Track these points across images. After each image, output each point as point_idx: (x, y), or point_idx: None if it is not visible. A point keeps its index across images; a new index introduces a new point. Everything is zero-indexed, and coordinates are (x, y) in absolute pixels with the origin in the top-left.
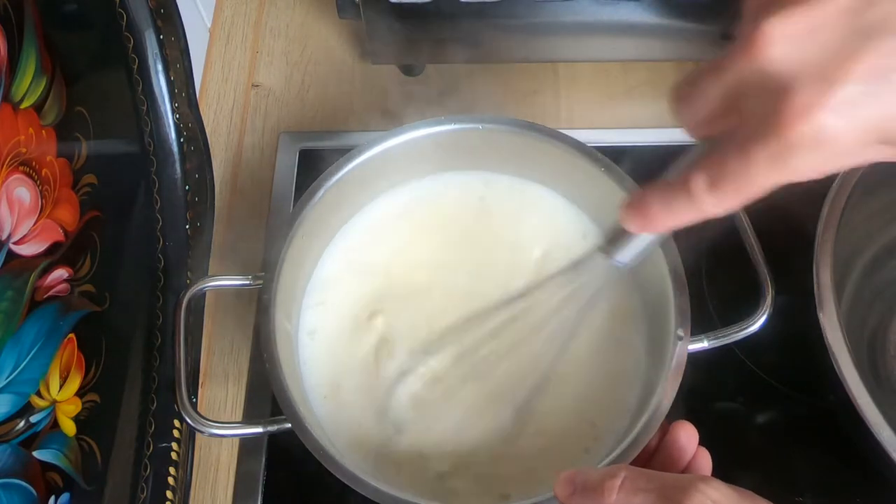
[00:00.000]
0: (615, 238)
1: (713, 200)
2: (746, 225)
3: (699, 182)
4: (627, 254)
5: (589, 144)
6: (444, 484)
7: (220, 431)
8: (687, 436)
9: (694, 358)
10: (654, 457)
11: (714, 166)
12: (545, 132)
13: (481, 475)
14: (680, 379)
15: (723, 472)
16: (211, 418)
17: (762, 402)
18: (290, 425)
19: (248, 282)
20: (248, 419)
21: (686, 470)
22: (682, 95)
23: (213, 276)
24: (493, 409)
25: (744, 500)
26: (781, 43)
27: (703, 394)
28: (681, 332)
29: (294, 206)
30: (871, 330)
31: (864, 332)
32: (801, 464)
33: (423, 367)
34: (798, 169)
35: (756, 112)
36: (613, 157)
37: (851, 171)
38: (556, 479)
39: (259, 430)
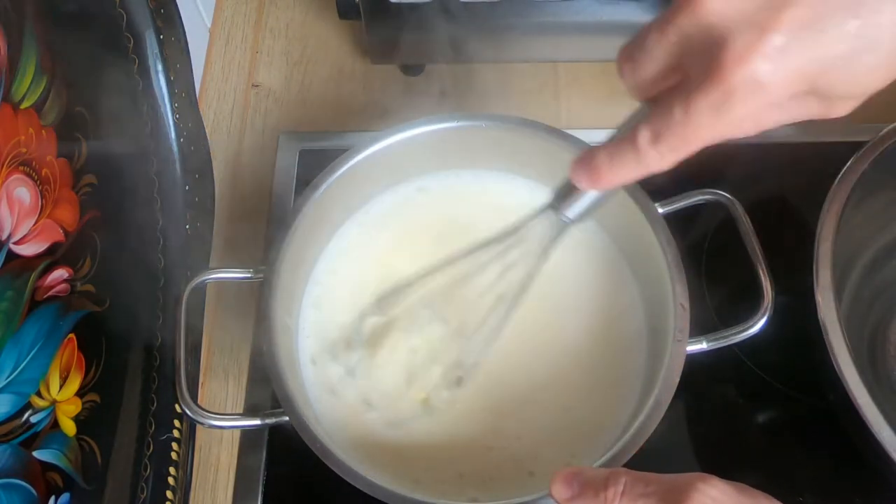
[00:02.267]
0: (564, 194)
1: (657, 154)
2: (746, 225)
3: (644, 136)
4: (574, 210)
5: (590, 144)
6: (443, 479)
7: (219, 423)
8: None
9: (694, 357)
10: None
11: (658, 120)
12: (548, 131)
13: (477, 472)
14: (678, 379)
15: (723, 471)
16: (210, 409)
17: (762, 402)
18: (287, 418)
19: (249, 275)
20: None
21: None
22: (628, 56)
23: (214, 269)
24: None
25: (743, 495)
26: None
27: (703, 393)
28: (679, 334)
29: (294, 204)
30: (871, 330)
31: (864, 332)
32: (801, 464)
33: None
34: (737, 118)
35: (699, 66)
36: None
37: (851, 171)
38: (552, 478)
39: (257, 422)
